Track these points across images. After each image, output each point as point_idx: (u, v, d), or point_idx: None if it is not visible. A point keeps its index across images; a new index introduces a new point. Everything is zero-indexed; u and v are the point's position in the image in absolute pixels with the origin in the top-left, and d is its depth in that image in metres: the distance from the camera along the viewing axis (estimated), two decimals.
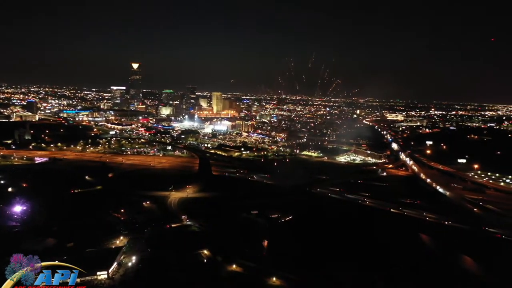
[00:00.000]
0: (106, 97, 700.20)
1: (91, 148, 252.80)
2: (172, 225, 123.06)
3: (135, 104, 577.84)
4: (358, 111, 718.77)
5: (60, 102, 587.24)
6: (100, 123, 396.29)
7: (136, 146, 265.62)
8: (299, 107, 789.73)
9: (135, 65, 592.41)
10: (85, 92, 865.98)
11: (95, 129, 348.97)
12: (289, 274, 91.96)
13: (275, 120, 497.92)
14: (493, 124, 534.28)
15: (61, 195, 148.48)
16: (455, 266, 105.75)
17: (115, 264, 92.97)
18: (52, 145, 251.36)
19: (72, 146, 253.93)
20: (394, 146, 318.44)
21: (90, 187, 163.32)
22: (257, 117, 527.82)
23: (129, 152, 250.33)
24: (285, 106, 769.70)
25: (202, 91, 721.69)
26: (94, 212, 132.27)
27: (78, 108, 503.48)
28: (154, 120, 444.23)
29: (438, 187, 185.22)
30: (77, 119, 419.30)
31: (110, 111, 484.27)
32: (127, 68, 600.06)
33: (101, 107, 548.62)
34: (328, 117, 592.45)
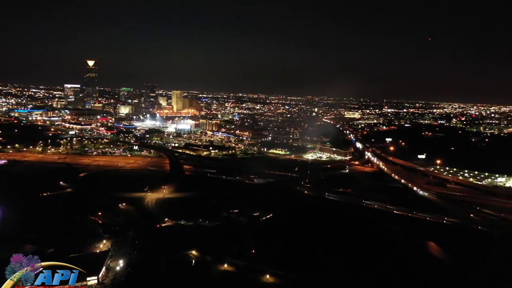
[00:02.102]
0: (57, 96, 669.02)
1: (52, 149, 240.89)
2: (156, 227, 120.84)
3: (91, 103, 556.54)
4: (316, 109, 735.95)
5: (7, 101, 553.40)
6: (57, 123, 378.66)
7: (100, 147, 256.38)
8: (258, 105, 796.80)
9: (90, 62, 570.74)
10: (33, 90, 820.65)
11: (52, 129, 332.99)
12: (281, 271, 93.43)
13: (238, 119, 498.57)
14: (443, 122, 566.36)
15: (30, 200, 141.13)
16: (422, 250, 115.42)
17: (103, 269, 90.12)
18: (9, 146, 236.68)
19: (31, 147, 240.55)
20: (356, 143, 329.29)
21: (59, 190, 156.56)
22: (219, 116, 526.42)
23: (94, 152, 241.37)
24: (244, 105, 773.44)
25: (158, 89, 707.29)
26: (69, 216, 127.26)
27: (29, 107, 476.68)
28: (114, 119, 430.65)
29: (405, 182, 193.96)
30: (30, 118, 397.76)
31: (66, 110, 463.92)
32: (81, 65, 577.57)
33: (54, 106, 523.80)
34: (288, 116, 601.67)
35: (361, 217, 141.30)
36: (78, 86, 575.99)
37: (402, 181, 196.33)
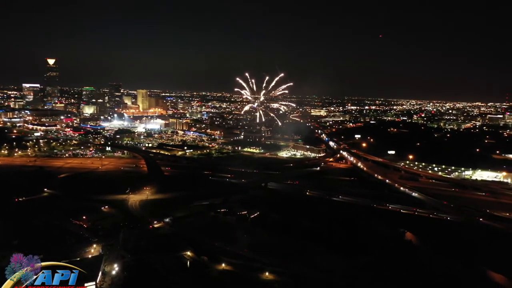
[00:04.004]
0: (12, 96, 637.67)
1: (20, 152, 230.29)
2: (147, 228, 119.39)
3: (53, 103, 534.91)
4: (282, 108, 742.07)
5: None
6: (18, 124, 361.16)
7: (70, 148, 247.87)
8: (224, 104, 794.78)
9: (51, 61, 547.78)
10: None
11: (15, 131, 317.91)
12: (279, 268, 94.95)
13: (206, 118, 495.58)
14: (405, 118, 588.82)
15: (4, 206, 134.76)
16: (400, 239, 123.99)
17: (100, 274, 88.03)
18: None
19: None
20: (327, 140, 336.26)
21: (35, 194, 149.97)
22: (187, 115, 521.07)
23: (66, 154, 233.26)
24: (210, 104, 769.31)
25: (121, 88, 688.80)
26: (51, 221, 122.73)
27: None
28: (79, 119, 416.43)
29: (379, 177, 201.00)
30: None
31: (26, 111, 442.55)
32: (40, 64, 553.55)
33: (12, 106, 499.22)
34: (255, 114, 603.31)
35: (345, 212, 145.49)
36: (38, 85, 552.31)
37: (379, 176, 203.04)
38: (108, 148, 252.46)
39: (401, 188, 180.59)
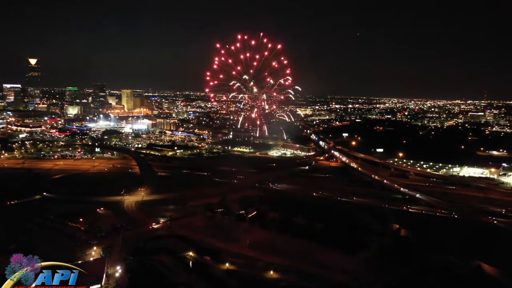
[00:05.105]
0: None
1: (6, 154, 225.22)
2: (147, 229, 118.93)
3: (35, 103, 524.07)
4: (267, 107, 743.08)
5: None
6: (1, 126, 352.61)
7: (58, 150, 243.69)
8: (209, 103, 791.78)
9: (32, 61, 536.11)
10: None
11: None
12: (282, 266, 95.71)
13: (193, 118, 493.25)
14: (390, 116, 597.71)
15: None
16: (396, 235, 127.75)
17: (104, 277, 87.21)
18: None
19: None
20: (316, 139, 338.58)
21: (27, 197, 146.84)
22: (173, 115, 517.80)
23: (56, 156, 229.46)
24: (194, 103, 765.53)
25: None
26: (47, 223, 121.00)
27: None
28: (63, 120, 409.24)
29: (371, 175, 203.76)
30: None
31: (8, 112, 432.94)
32: (22, 64, 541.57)
33: None
34: (242, 113, 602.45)
35: (338, 208, 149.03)
36: (19, 85, 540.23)
37: (371, 174, 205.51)
38: (97, 149, 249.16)
39: (394, 186, 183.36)
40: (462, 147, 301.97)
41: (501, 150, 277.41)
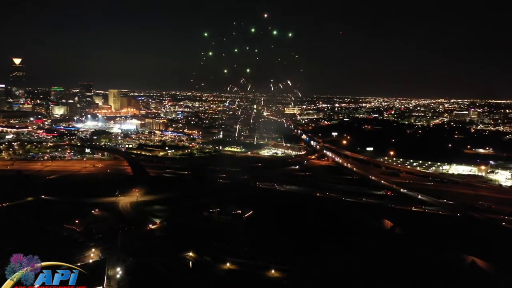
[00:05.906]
0: None
1: None
2: (145, 230, 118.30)
3: (20, 104, 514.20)
4: (255, 106, 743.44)
5: None
6: None
7: (47, 151, 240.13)
8: (197, 103, 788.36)
9: (17, 61, 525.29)
10: None
11: None
12: (284, 266, 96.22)
13: (182, 117, 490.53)
14: (377, 115, 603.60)
15: None
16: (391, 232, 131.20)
17: (105, 279, 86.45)
18: None
19: None
20: (306, 138, 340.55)
21: (19, 199, 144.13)
22: (162, 115, 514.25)
23: (45, 157, 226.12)
24: (182, 103, 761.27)
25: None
26: (41, 226, 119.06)
27: None
28: (50, 121, 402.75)
29: (363, 173, 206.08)
30: None
31: None
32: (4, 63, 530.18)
33: None
34: (230, 113, 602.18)
35: (332, 207, 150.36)
36: (3, 86, 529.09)
37: (363, 173, 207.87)
38: (87, 150, 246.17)
39: (386, 184, 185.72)
40: (449, 145, 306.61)
41: (487, 148, 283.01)
